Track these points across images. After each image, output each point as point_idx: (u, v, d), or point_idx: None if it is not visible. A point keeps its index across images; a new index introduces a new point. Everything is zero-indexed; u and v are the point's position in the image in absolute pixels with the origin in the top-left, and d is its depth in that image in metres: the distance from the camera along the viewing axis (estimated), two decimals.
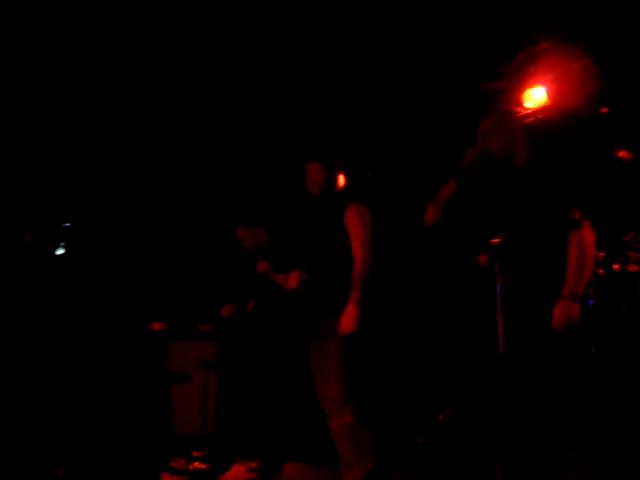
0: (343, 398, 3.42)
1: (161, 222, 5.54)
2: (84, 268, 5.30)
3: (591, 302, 4.18)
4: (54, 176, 5.19)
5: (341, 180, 3.79)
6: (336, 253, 3.56)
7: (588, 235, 2.89)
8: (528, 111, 4.75)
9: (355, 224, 3.55)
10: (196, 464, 4.50)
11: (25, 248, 4.90)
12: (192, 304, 5.48)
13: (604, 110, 4.62)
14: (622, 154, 4.43)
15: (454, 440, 4.28)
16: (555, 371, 2.79)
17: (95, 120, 5.04)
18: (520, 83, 4.77)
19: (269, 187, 5.61)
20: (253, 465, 4.46)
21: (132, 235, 5.50)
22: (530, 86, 4.72)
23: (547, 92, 4.73)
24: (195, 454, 4.43)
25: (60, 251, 4.97)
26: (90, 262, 5.35)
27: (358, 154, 5.79)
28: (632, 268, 4.02)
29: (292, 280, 3.68)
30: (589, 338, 4.11)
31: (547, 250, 2.89)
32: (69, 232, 5.13)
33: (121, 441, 4.59)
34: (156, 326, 5.29)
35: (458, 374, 3.48)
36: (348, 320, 3.39)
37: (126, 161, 5.30)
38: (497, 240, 2.73)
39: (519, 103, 4.73)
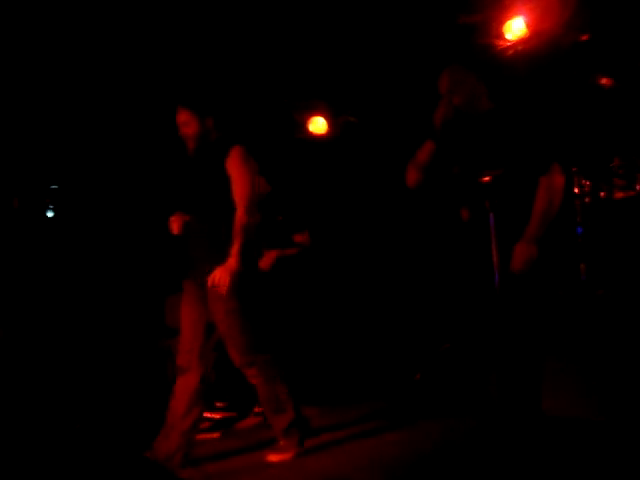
0: (248, 355, 3.33)
1: (153, 179, 5.48)
2: (75, 229, 5.28)
3: (580, 230, 4.28)
4: (39, 139, 5.11)
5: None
6: (219, 203, 3.33)
7: (557, 180, 2.96)
8: (508, 43, 4.72)
9: (238, 169, 3.31)
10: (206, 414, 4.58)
11: (14, 213, 4.87)
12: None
13: (584, 38, 4.60)
14: (604, 81, 4.44)
15: (451, 374, 4.40)
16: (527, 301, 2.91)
17: (78, 84, 4.92)
18: (498, 15, 4.72)
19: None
20: (258, 410, 4.56)
21: (122, 192, 5.46)
22: (509, 18, 4.67)
23: (526, 22, 4.68)
24: (218, 404, 4.47)
25: (50, 214, 4.96)
26: (80, 223, 5.32)
27: (339, 97, 5.78)
28: (618, 195, 4.09)
29: (173, 225, 3.45)
30: (577, 265, 4.22)
31: (531, 187, 2.95)
32: (57, 194, 5.11)
33: (123, 395, 4.66)
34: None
35: (455, 310, 3.55)
36: (224, 275, 3.17)
37: (110, 122, 5.21)
38: (487, 179, 2.80)
39: (499, 36, 4.69)
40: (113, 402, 4.61)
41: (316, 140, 5.86)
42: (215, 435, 4.18)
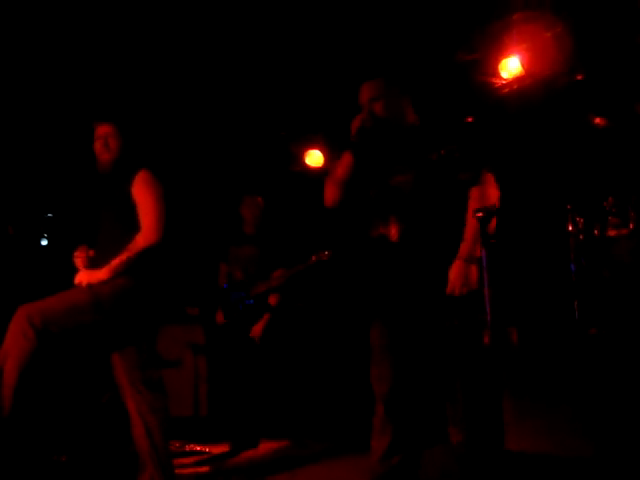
0: (36, 319, 3.06)
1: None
2: (68, 258, 5.26)
3: (573, 267, 4.29)
4: (35, 167, 5.12)
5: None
6: (128, 228, 3.20)
7: (490, 192, 2.71)
8: (504, 81, 4.77)
9: (144, 194, 3.20)
10: (193, 446, 4.54)
11: (9, 240, 4.86)
12: (180, 288, 5.47)
13: (579, 77, 4.66)
14: (598, 121, 4.49)
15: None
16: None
17: (74, 109, 4.94)
18: (495, 54, 4.78)
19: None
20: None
21: None
22: (505, 56, 4.73)
23: (521, 62, 4.74)
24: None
25: (44, 242, 4.95)
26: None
27: (336, 130, 5.82)
28: (611, 233, 4.09)
29: (77, 261, 3.34)
30: (571, 302, 4.21)
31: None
32: (52, 222, 5.10)
33: (115, 425, 4.60)
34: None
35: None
36: (87, 278, 3.12)
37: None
38: None
39: (495, 74, 4.75)
40: (111, 432, 4.56)
41: (312, 173, 5.89)
42: (205, 469, 4.14)
